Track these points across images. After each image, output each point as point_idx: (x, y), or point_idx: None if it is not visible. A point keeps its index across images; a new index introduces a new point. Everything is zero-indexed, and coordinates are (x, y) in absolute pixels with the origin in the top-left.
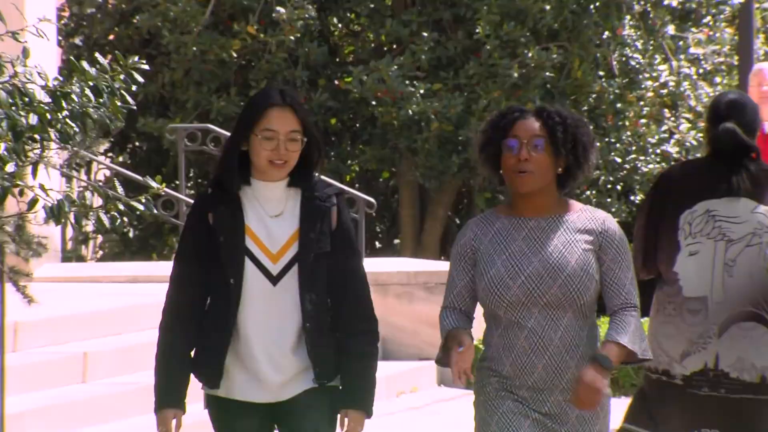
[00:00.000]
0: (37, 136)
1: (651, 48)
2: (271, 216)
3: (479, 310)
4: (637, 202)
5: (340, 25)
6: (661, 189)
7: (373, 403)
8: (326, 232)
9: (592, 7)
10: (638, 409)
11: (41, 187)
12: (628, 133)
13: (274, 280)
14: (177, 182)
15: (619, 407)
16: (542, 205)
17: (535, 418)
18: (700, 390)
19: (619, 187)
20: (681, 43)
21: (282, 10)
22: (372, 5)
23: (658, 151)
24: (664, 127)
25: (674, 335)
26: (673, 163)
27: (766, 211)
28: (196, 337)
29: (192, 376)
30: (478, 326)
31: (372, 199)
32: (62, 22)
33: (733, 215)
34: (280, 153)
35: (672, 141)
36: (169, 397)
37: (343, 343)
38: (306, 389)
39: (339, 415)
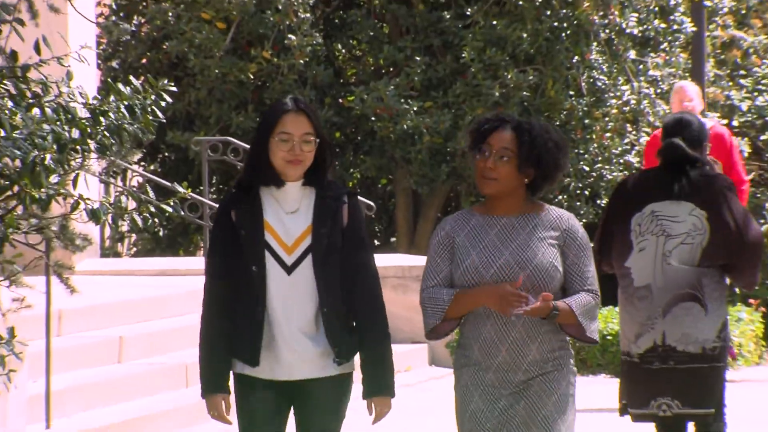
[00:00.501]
0: (78, 148)
1: (615, 71)
2: (287, 212)
3: None
4: (602, 205)
5: (343, 51)
6: (617, 196)
7: (394, 383)
8: (338, 229)
9: (563, 34)
10: (624, 389)
11: (80, 196)
12: (595, 145)
13: (289, 269)
14: (201, 188)
15: (587, 385)
16: (512, 206)
17: (503, 405)
18: (653, 365)
19: (587, 192)
20: (641, 66)
21: (293, 37)
22: (371, 33)
23: (621, 160)
24: (627, 140)
25: (628, 320)
26: (634, 171)
27: (701, 214)
28: (232, 328)
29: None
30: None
31: (371, 203)
32: (101, 47)
33: (673, 215)
34: (296, 153)
35: (633, 152)
36: (215, 384)
37: (360, 335)
38: (322, 377)
39: (366, 402)
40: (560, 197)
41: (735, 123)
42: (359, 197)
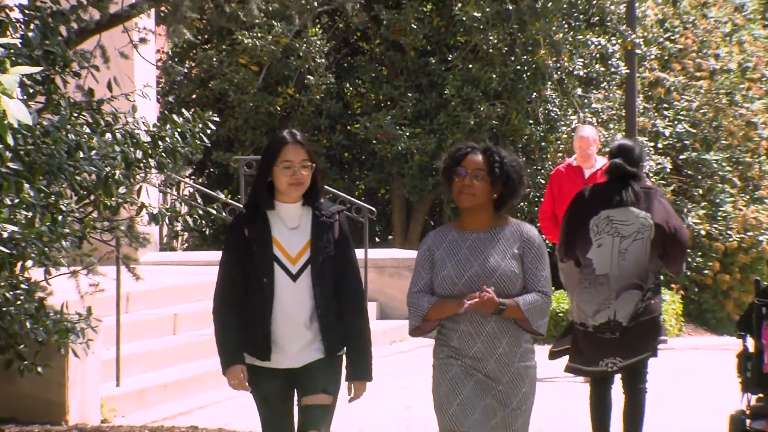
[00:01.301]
0: (141, 165)
1: (565, 104)
2: (290, 228)
3: None
4: None
5: (351, 88)
6: (576, 204)
7: (372, 370)
8: (331, 240)
9: (524, 76)
10: (573, 352)
11: (143, 203)
12: (550, 162)
13: (294, 277)
14: (239, 196)
15: (540, 352)
16: (481, 221)
17: (477, 378)
18: (605, 335)
19: None
20: (586, 100)
21: (311, 77)
22: (373, 74)
23: None
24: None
25: (588, 300)
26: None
27: (645, 216)
28: (242, 322)
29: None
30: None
31: (373, 208)
32: (160, 86)
33: (624, 219)
34: (297, 177)
35: None
36: (233, 359)
37: (346, 325)
38: (317, 359)
39: (347, 384)
40: (521, 204)
41: (660, 145)
42: (364, 204)
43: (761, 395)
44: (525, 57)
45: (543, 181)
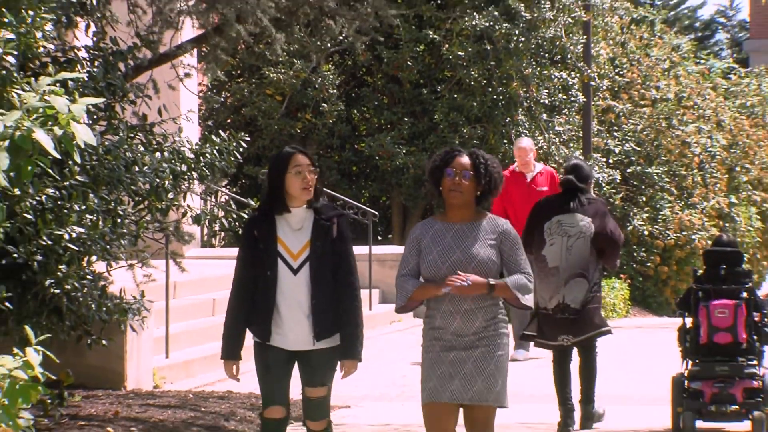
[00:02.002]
0: (186, 177)
1: (533, 127)
2: (294, 230)
3: None
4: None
5: (358, 114)
6: (535, 211)
7: (361, 351)
8: (329, 241)
9: (500, 104)
10: (538, 330)
11: (188, 207)
12: None
13: (295, 271)
14: None
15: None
16: (464, 215)
17: (455, 353)
18: (557, 315)
19: None
20: (550, 124)
21: (325, 105)
22: (376, 103)
23: None
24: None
25: (545, 288)
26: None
27: (588, 221)
28: (251, 308)
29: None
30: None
31: (375, 212)
32: (201, 112)
33: (570, 222)
34: (307, 180)
35: None
36: (231, 353)
37: (340, 312)
38: (316, 349)
39: (340, 363)
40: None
41: (611, 161)
42: (368, 209)
43: (697, 361)
44: (500, 88)
45: None
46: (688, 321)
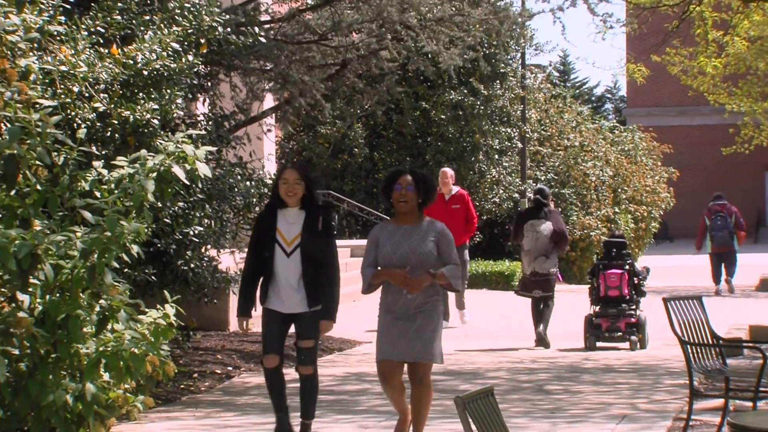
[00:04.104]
0: (267, 196)
1: (489, 164)
2: (289, 223)
3: None
4: (497, 215)
5: (377, 155)
6: (519, 217)
7: (336, 315)
8: (315, 232)
9: (468, 149)
10: (522, 287)
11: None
12: (480, 194)
13: (288, 255)
14: None
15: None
16: (409, 219)
17: (401, 323)
18: (532, 278)
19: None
20: (500, 161)
21: (356, 150)
22: (388, 148)
23: (494, 201)
24: (495, 192)
25: (525, 262)
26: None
27: (548, 224)
28: (256, 284)
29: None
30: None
31: (389, 218)
32: (276, 154)
33: (538, 224)
34: (288, 189)
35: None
36: (242, 312)
37: (321, 284)
38: (305, 311)
39: (319, 322)
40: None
41: (539, 185)
42: (384, 216)
43: (598, 307)
44: (468, 139)
45: (477, 204)
46: (594, 282)
